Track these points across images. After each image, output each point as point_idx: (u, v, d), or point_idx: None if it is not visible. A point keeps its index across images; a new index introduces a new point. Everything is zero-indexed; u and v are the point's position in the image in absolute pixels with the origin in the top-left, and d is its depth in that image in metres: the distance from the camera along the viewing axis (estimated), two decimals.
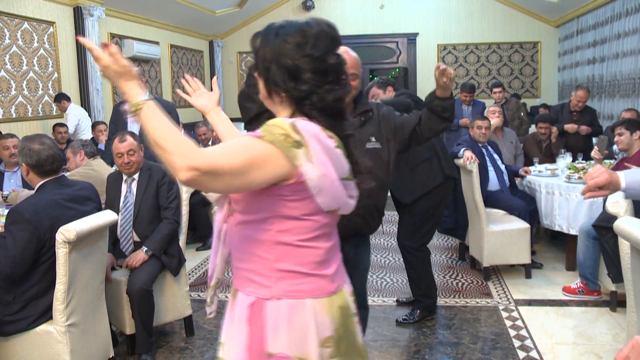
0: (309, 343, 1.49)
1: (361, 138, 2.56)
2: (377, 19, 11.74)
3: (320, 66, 1.48)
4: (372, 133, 2.64)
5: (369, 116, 2.65)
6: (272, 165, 1.38)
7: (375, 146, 2.62)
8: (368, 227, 2.68)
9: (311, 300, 1.51)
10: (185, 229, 3.78)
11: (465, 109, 7.42)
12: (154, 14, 9.53)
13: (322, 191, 1.44)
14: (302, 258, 1.51)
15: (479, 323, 3.96)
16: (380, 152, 2.63)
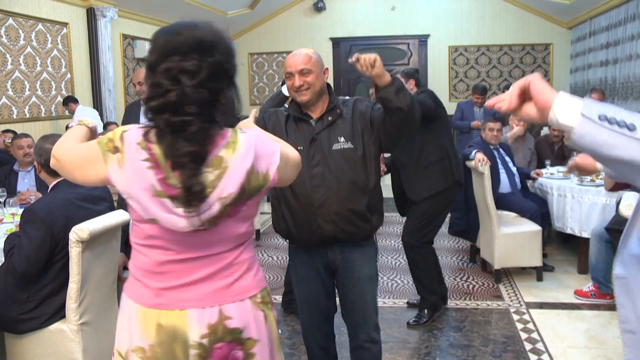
0: (124, 339, 1.57)
1: (328, 139, 2.49)
2: (388, 21, 11.73)
3: (150, 74, 1.50)
4: (342, 133, 2.50)
5: (337, 114, 2.52)
6: (95, 164, 1.49)
7: (345, 146, 2.48)
8: (346, 234, 2.50)
9: (132, 303, 1.57)
10: None
11: (477, 111, 7.41)
12: (166, 15, 9.57)
13: (130, 198, 1.47)
14: (134, 260, 1.59)
15: (489, 325, 3.95)
16: (351, 152, 2.48)
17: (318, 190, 2.46)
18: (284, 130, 2.55)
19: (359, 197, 2.49)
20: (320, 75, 2.51)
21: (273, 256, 5.83)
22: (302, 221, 2.51)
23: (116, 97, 8.15)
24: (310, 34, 11.98)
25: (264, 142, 1.55)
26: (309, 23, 12.00)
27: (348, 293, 2.63)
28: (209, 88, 1.44)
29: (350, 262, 2.59)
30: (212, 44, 1.47)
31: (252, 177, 1.47)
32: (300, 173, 2.45)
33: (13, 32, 6.44)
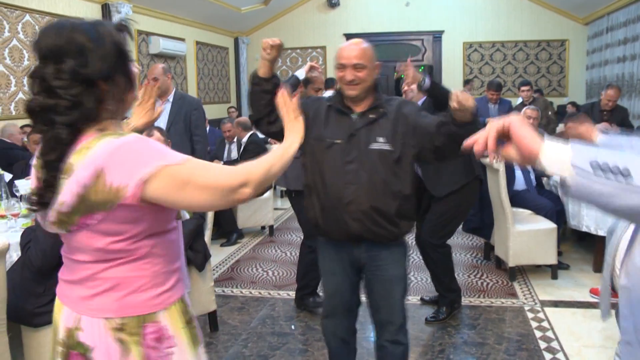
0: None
1: (367, 137, 2.44)
2: (402, 16, 11.68)
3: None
4: (382, 133, 2.43)
5: (380, 113, 2.45)
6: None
7: (383, 147, 2.41)
8: (372, 234, 2.46)
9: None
10: (210, 224, 3.79)
11: (491, 108, 7.35)
12: (180, 10, 9.59)
13: None
14: None
15: (504, 323, 3.92)
16: (388, 154, 2.41)
17: (349, 187, 2.42)
18: (324, 120, 2.51)
19: (390, 200, 2.43)
20: (373, 71, 2.46)
21: (286, 252, 5.82)
22: (330, 215, 2.49)
23: None
24: (324, 30, 11.96)
25: (133, 152, 1.34)
26: (322, 19, 11.98)
27: (374, 292, 2.60)
28: (61, 94, 1.34)
29: (377, 261, 2.55)
30: (60, 50, 1.34)
31: (96, 188, 1.32)
32: (335, 167, 2.43)
33: (30, 29, 6.48)
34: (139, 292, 1.45)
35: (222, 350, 3.62)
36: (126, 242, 1.41)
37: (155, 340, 1.46)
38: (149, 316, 1.46)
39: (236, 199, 1.42)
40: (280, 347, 3.65)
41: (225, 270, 5.27)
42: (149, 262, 1.46)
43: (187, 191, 1.35)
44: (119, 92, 1.43)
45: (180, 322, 1.51)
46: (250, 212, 6.36)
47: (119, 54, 1.41)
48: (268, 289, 4.72)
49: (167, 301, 1.49)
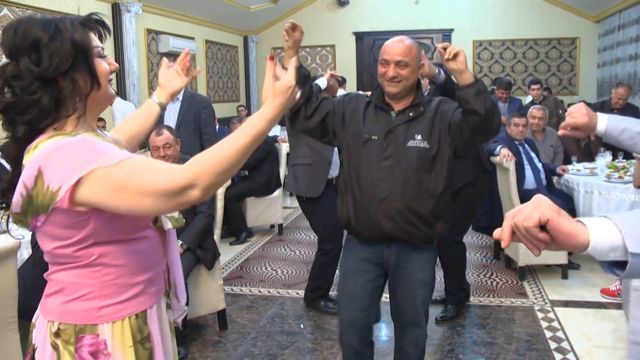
0: None
1: (405, 134, 2.41)
2: (411, 15, 11.64)
3: None
4: (420, 131, 2.41)
5: (419, 111, 2.43)
6: None
7: (420, 145, 2.39)
8: (404, 234, 2.43)
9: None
10: (220, 223, 3.80)
11: (501, 106, 7.32)
12: (190, 9, 9.61)
13: None
14: None
15: (513, 323, 3.90)
16: (425, 152, 2.39)
17: (383, 184, 2.40)
18: (362, 116, 2.49)
19: (425, 199, 2.40)
20: (416, 70, 2.44)
21: (295, 251, 5.82)
22: (362, 213, 2.46)
23: (140, 91, 8.20)
24: (333, 28, 11.96)
25: (70, 154, 1.26)
26: (332, 17, 11.97)
27: (398, 294, 2.56)
28: (18, 92, 1.31)
29: (406, 263, 2.51)
30: (17, 48, 1.32)
31: (37, 190, 1.26)
32: (370, 163, 2.41)
33: None
34: (82, 300, 1.39)
35: (230, 349, 3.62)
36: (71, 248, 1.35)
37: (90, 354, 1.38)
38: (89, 327, 1.39)
39: (183, 202, 1.27)
40: (289, 346, 3.65)
41: (234, 269, 5.27)
42: (98, 271, 1.38)
43: (124, 196, 1.24)
44: (81, 90, 1.36)
45: (128, 340, 1.41)
46: (259, 211, 6.37)
47: (78, 50, 1.35)
48: (277, 288, 4.72)
49: (115, 315, 1.41)
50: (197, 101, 5.12)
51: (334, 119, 2.53)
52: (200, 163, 1.29)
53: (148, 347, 1.46)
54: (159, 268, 1.54)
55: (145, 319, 1.47)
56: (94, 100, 1.41)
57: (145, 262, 1.47)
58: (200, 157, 1.31)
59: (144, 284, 1.47)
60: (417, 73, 2.46)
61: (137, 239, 1.44)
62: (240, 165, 1.36)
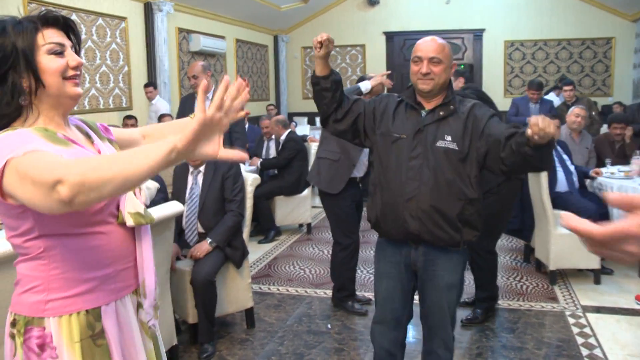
0: None
1: (435, 134, 2.39)
2: (442, 15, 11.55)
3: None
4: (450, 132, 2.38)
5: (450, 110, 2.41)
6: None
7: (449, 146, 2.36)
8: (431, 235, 2.40)
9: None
10: (249, 221, 3.81)
11: (532, 107, 7.23)
12: (221, 8, 9.67)
13: None
14: None
15: (543, 328, 3.84)
16: (454, 153, 2.36)
17: (411, 183, 2.39)
18: (391, 115, 2.49)
19: (452, 201, 2.38)
20: (448, 69, 2.42)
21: (324, 250, 5.82)
22: (390, 213, 2.45)
23: (171, 89, 8.30)
24: (363, 28, 11.92)
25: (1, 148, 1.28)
26: (362, 17, 11.94)
27: (426, 296, 2.55)
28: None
29: (433, 266, 2.48)
30: None
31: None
32: (398, 162, 2.41)
33: None
34: (31, 293, 1.41)
35: (258, 347, 3.63)
36: (20, 238, 1.39)
37: (38, 346, 1.39)
38: (37, 320, 1.40)
39: (56, 199, 1.17)
40: (316, 345, 3.65)
41: (262, 268, 5.29)
42: (46, 264, 1.39)
43: (26, 186, 1.21)
44: (22, 90, 1.38)
45: (76, 336, 1.40)
46: (288, 210, 6.38)
47: (16, 51, 1.36)
48: (305, 287, 4.73)
49: (62, 309, 1.40)
50: None
51: (365, 120, 2.54)
52: (78, 161, 1.25)
53: (101, 344, 1.44)
54: (122, 265, 1.50)
55: (97, 316, 1.45)
56: (48, 98, 1.42)
57: (101, 258, 1.45)
58: (85, 159, 1.31)
59: (99, 280, 1.45)
60: (449, 73, 2.44)
61: (89, 234, 1.42)
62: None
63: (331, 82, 2.47)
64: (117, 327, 1.48)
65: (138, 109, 7.70)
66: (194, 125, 1.17)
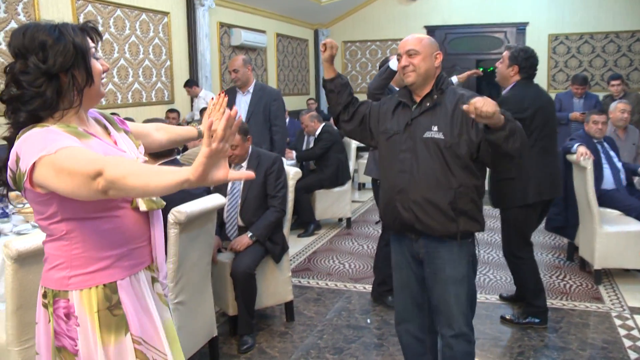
0: None
1: (422, 126, 2.46)
2: (484, 8, 11.35)
3: None
4: (437, 122, 2.42)
5: (433, 100, 2.45)
6: None
7: (435, 136, 2.41)
8: (424, 226, 2.44)
9: None
10: (290, 215, 3.83)
11: (576, 102, 7.07)
12: (262, 3, 9.71)
13: None
14: None
15: (588, 329, 3.75)
16: (441, 143, 2.39)
17: (401, 176, 2.48)
18: (391, 114, 2.59)
19: (443, 191, 2.41)
20: (429, 58, 2.49)
21: (363, 245, 5.81)
22: (387, 205, 2.58)
23: (212, 83, 8.37)
24: (404, 22, 11.81)
25: (31, 143, 1.46)
26: (403, 11, 11.83)
27: (431, 289, 2.57)
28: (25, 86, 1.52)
29: (434, 258, 2.51)
30: (25, 48, 1.54)
31: (18, 171, 1.48)
32: (391, 156, 2.52)
33: (120, 23, 6.74)
34: (56, 269, 1.61)
35: (297, 341, 3.65)
36: (46, 221, 1.57)
37: (64, 315, 1.60)
38: (62, 293, 1.60)
39: (94, 189, 1.35)
40: (355, 340, 3.65)
41: (302, 261, 5.32)
42: (68, 245, 1.59)
43: (62, 178, 1.39)
44: (78, 85, 1.56)
45: (94, 306, 1.59)
46: (327, 204, 6.39)
47: (77, 51, 1.55)
48: (344, 282, 4.72)
49: (82, 284, 1.59)
50: (267, 93, 5.17)
51: (370, 121, 2.67)
52: (116, 161, 1.39)
53: (117, 313, 1.62)
54: (135, 244, 1.68)
55: (114, 289, 1.62)
56: (87, 95, 1.61)
57: (116, 238, 1.63)
58: (123, 159, 1.49)
59: (114, 258, 1.63)
60: (432, 62, 2.49)
61: (106, 217, 1.60)
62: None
63: (335, 85, 2.66)
64: (132, 299, 1.66)
65: (180, 102, 7.79)
66: (202, 159, 1.27)
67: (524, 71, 3.64)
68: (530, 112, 3.49)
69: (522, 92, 3.60)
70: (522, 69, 3.64)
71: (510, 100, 3.51)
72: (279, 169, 3.68)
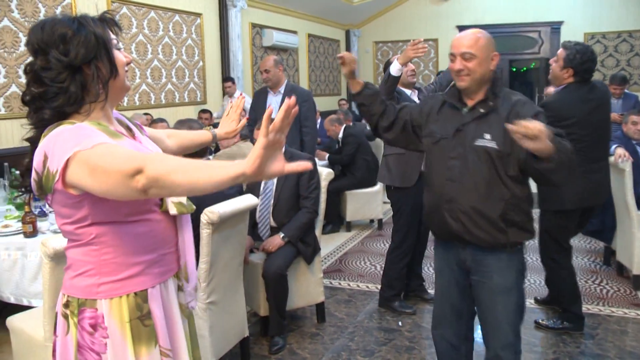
0: None
1: (474, 133, 2.30)
2: (518, 7, 11.19)
3: None
4: (490, 130, 2.27)
5: (489, 107, 2.30)
6: None
7: (488, 145, 2.26)
8: (474, 237, 2.33)
9: None
10: (321, 216, 3.81)
11: (614, 103, 6.90)
12: (294, 4, 9.74)
13: None
14: None
15: (627, 336, 3.65)
16: (494, 152, 2.25)
17: (450, 185, 2.35)
18: (436, 116, 2.45)
19: (493, 202, 2.29)
20: (485, 61, 2.30)
21: None
22: (433, 214, 2.47)
23: (244, 84, 8.42)
24: (436, 22, 11.72)
25: (63, 141, 1.38)
26: (435, 11, 11.74)
27: (480, 300, 2.48)
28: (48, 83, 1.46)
29: (483, 267, 2.40)
30: (45, 43, 1.46)
31: (45, 173, 1.39)
32: (439, 163, 2.40)
33: (153, 24, 6.82)
34: (83, 276, 1.51)
35: (328, 342, 3.64)
36: (73, 225, 1.48)
37: (90, 326, 1.49)
38: (89, 301, 1.50)
39: (133, 187, 1.27)
40: (386, 342, 3.62)
41: (333, 262, 5.30)
42: (97, 250, 1.49)
43: (97, 176, 1.31)
44: (103, 77, 1.49)
45: (126, 316, 1.50)
46: (359, 205, 6.36)
47: (98, 41, 1.48)
48: (376, 283, 4.68)
49: (113, 292, 1.50)
50: (298, 94, 5.16)
51: (413, 124, 2.54)
52: (158, 158, 1.33)
53: (148, 324, 1.53)
54: (165, 250, 1.60)
55: (145, 298, 1.54)
56: (113, 88, 1.53)
57: (147, 244, 1.54)
58: (165, 156, 1.39)
59: (145, 264, 1.54)
60: (488, 66, 2.32)
61: (137, 222, 1.51)
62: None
63: (365, 97, 2.54)
64: (161, 309, 1.58)
65: (212, 103, 7.85)
66: (259, 151, 1.23)
67: (578, 75, 3.45)
68: (570, 122, 3.34)
69: (568, 98, 3.44)
70: (577, 73, 3.45)
71: (552, 107, 3.37)
72: (311, 170, 3.67)
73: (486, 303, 2.45)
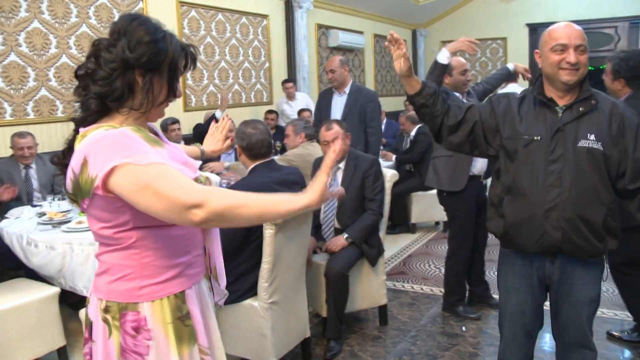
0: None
1: (576, 133, 2.14)
2: (593, 1, 10.77)
3: None
4: (593, 130, 2.13)
5: (591, 106, 2.16)
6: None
7: (594, 146, 2.12)
8: (573, 246, 2.17)
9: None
10: (386, 218, 3.78)
11: None
12: (359, 4, 9.72)
13: None
14: None
15: None
16: (599, 154, 2.12)
17: (552, 191, 2.16)
18: (517, 115, 2.26)
19: (597, 208, 2.15)
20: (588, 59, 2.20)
21: None
22: (525, 224, 2.23)
23: (310, 84, 8.47)
24: (505, 20, 11.45)
25: (106, 147, 1.38)
26: (504, 8, 11.45)
27: (561, 312, 2.35)
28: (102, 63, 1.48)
29: (571, 279, 2.28)
30: (121, 32, 1.48)
31: (83, 176, 1.40)
32: (535, 167, 2.19)
33: (221, 26, 6.96)
34: (124, 280, 1.52)
35: (389, 345, 3.60)
36: (112, 230, 1.48)
37: (133, 329, 1.51)
38: (131, 305, 1.52)
39: (188, 218, 1.32)
40: (449, 348, 3.54)
41: (397, 264, 5.25)
42: (138, 254, 1.51)
43: (145, 195, 1.33)
44: (152, 92, 1.50)
45: (168, 317, 1.53)
46: (424, 207, 6.27)
47: (166, 61, 1.49)
48: (440, 287, 4.60)
49: (154, 294, 1.53)
50: (363, 95, 5.16)
51: (483, 126, 2.32)
52: (220, 193, 1.37)
53: (189, 324, 1.58)
54: (197, 252, 1.65)
55: (183, 299, 1.58)
56: (154, 109, 1.55)
57: (183, 245, 1.59)
58: (225, 190, 1.41)
59: (183, 266, 1.58)
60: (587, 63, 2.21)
61: (174, 225, 1.52)
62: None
63: (426, 97, 2.29)
64: (198, 309, 1.63)
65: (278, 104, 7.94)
66: (322, 186, 1.50)
67: (632, 83, 3.20)
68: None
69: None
70: (629, 81, 3.20)
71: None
72: (376, 172, 3.64)
73: (570, 316, 2.32)
